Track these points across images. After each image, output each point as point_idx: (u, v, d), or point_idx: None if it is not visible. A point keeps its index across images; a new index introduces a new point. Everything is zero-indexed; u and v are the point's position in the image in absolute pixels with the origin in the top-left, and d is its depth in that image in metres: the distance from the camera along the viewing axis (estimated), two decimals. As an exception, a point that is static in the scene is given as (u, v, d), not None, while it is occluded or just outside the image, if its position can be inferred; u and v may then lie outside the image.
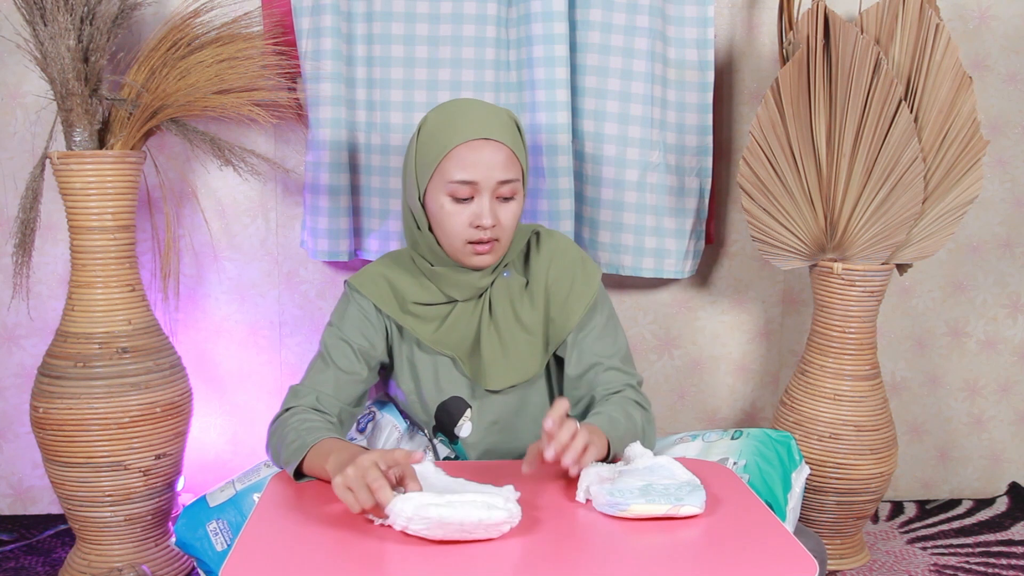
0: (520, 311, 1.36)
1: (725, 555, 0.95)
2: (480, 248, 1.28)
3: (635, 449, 1.17)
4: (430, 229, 1.31)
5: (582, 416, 1.36)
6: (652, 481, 1.06)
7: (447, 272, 1.33)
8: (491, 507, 0.95)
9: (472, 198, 1.26)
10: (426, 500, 0.94)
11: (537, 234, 1.41)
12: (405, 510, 0.94)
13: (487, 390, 1.35)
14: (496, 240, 1.29)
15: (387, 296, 1.35)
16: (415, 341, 1.36)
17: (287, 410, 1.28)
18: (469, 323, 1.35)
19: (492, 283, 1.36)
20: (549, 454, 1.05)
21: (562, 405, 1.09)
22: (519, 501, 1.01)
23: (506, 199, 1.28)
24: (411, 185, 1.32)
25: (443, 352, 1.34)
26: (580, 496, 1.08)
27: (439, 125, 1.28)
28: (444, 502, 0.94)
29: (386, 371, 1.43)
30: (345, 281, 1.38)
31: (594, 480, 1.08)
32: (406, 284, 1.35)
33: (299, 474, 1.17)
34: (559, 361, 1.41)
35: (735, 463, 1.33)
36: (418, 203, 1.31)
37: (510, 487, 1.02)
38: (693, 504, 1.03)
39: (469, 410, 1.37)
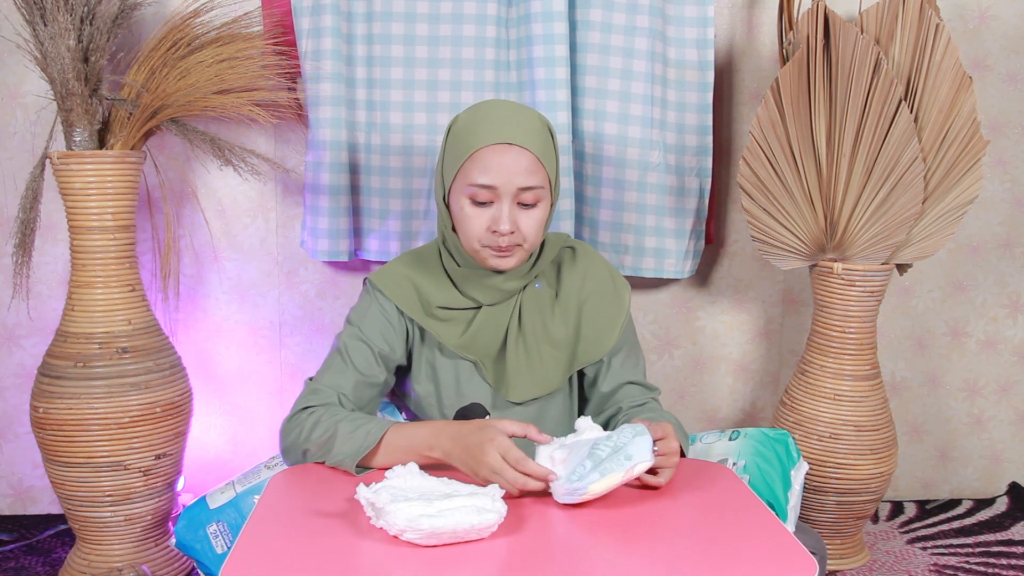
0: (550, 325, 1.34)
1: (725, 555, 0.95)
2: (498, 251, 1.26)
3: (583, 422, 1.13)
4: (453, 229, 1.30)
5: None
6: (596, 446, 1.04)
7: (472, 274, 1.31)
8: (481, 511, 0.96)
9: (492, 202, 1.24)
10: (417, 511, 0.94)
11: (572, 248, 1.40)
12: (397, 522, 0.94)
13: (508, 401, 1.34)
14: (517, 245, 1.26)
15: (411, 298, 1.32)
16: (437, 345, 1.34)
17: (306, 408, 1.25)
18: (495, 330, 1.33)
19: (523, 289, 1.34)
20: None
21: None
22: (503, 498, 1.01)
23: (528, 206, 1.25)
24: (438, 183, 1.31)
25: (466, 357, 1.32)
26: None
27: (467, 126, 1.26)
28: (435, 511, 0.94)
29: (401, 371, 1.40)
30: (366, 279, 1.36)
31: (547, 463, 1.06)
32: (430, 286, 1.33)
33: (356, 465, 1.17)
34: (579, 374, 1.41)
35: (735, 464, 1.33)
36: (442, 202, 1.30)
37: (494, 486, 1.02)
38: (642, 457, 1.02)
39: (488, 417, 1.36)
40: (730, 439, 1.39)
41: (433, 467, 1.13)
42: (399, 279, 1.34)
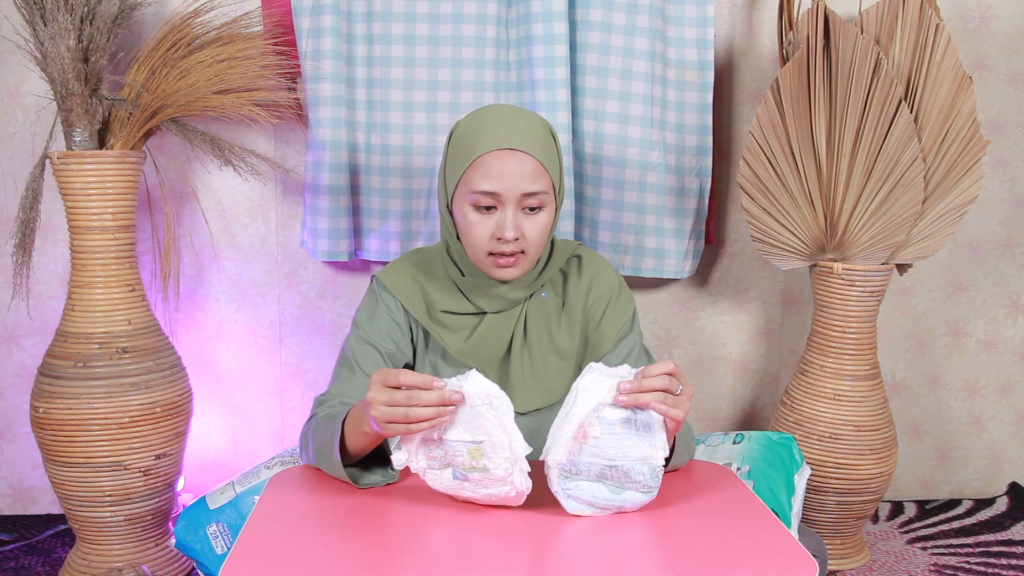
0: (556, 335, 1.32)
1: (725, 555, 0.95)
2: (503, 261, 1.23)
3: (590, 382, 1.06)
4: (457, 237, 1.28)
5: None
6: (610, 467, 1.02)
7: (477, 283, 1.29)
8: (525, 471, 1.00)
9: (496, 208, 1.21)
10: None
11: (579, 257, 1.37)
12: (468, 388, 0.98)
13: None
14: (521, 252, 1.23)
15: (416, 299, 1.30)
16: (441, 352, 1.32)
17: (312, 418, 1.23)
18: (500, 338, 1.31)
19: (528, 298, 1.32)
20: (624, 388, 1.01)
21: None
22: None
23: (532, 210, 1.22)
24: (441, 191, 1.29)
25: (468, 364, 1.30)
26: (550, 456, 1.03)
27: (468, 132, 1.24)
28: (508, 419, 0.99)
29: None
30: (373, 276, 1.34)
31: (566, 439, 1.02)
32: (436, 289, 1.31)
33: (356, 466, 1.15)
34: None
35: (739, 468, 1.33)
36: (446, 211, 1.28)
37: (523, 460, 1.02)
38: (633, 505, 1.03)
39: None
40: (734, 442, 1.38)
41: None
42: (406, 278, 1.32)
